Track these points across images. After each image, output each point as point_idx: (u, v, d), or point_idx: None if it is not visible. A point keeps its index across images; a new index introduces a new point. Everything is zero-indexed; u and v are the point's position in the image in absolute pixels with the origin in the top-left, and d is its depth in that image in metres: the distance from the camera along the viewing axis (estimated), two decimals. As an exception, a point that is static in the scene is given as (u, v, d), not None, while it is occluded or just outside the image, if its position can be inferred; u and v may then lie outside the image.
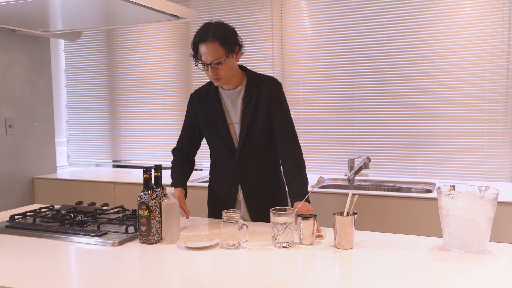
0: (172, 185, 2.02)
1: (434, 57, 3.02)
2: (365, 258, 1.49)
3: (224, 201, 2.08)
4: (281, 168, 2.05)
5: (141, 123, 3.95)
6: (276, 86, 2.02)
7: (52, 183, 3.61)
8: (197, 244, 1.60)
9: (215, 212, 2.14)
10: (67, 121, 4.23)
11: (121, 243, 1.67)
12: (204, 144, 2.23)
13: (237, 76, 2.00)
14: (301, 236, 1.64)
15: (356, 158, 3.07)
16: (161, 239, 1.69)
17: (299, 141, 2.04)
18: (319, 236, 1.70)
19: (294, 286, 1.27)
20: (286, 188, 2.01)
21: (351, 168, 3.07)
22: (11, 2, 1.88)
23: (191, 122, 2.14)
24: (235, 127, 2.02)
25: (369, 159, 3.02)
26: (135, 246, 1.65)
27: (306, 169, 2.00)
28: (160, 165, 1.72)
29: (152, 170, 1.69)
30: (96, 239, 1.70)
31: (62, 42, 4.11)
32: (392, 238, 1.72)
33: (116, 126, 4.05)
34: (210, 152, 2.17)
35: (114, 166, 4.13)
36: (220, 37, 1.86)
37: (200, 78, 3.66)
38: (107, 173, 3.81)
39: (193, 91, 2.16)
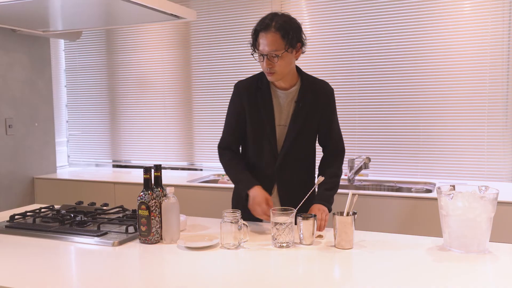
0: (244, 186, 1.89)
1: (434, 57, 3.02)
2: (365, 258, 1.49)
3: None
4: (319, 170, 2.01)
5: (141, 123, 3.95)
6: (331, 94, 1.97)
7: (52, 183, 3.61)
8: (197, 244, 1.60)
9: (244, 210, 1.91)
10: (67, 121, 4.23)
11: (121, 243, 1.67)
12: (205, 144, 2.21)
13: (293, 76, 1.91)
14: (301, 236, 1.64)
15: (356, 158, 3.07)
16: (161, 239, 1.69)
17: None
18: (319, 236, 1.70)
19: (294, 286, 1.27)
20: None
21: (351, 168, 3.07)
22: (11, 2, 1.88)
23: (238, 117, 1.98)
24: (284, 129, 1.93)
25: (369, 159, 3.02)
26: (135, 246, 1.65)
27: None
28: (160, 165, 1.72)
29: (152, 170, 1.69)
30: (96, 239, 1.70)
31: (62, 42, 4.11)
32: (392, 238, 1.72)
33: (116, 126, 4.05)
34: (246, 150, 2.02)
35: (114, 166, 4.13)
36: (283, 29, 1.77)
37: (200, 77, 3.66)
38: (107, 173, 3.81)
39: (239, 82, 2.01)
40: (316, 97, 1.92)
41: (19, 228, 1.86)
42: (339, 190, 2.09)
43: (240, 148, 2.06)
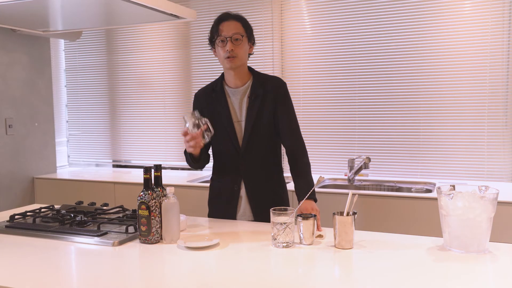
0: (186, 154, 2.05)
1: (434, 57, 3.02)
2: (365, 258, 1.49)
3: (226, 199, 2.08)
4: (286, 165, 2.08)
5: (141, 123, 3.95)
6: (282, 85, 2.07)
7: (52, 183, 3.61)
8: (197, 244, 1.60)
9: (215, 210, 2.15)
10: (67, 121, 4.23)
11: (121, 243, 1.67)
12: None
13: (246, 72, 2.05)
14: (301, 236, 1.64)
15: (356, 158, 3.07)
16: (161, 239, 1.69)
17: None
18: (319, 236, 1.70)
19: (294, 286, 1.27)
20: (293, 185, 2.03)
21: (351, 168, 3.07)
22: (11, 2, 1.88)
23: None
24: (241, 125, 2.04)
25: (369, 159, 3.02)
26: (135, 246, 1.65)
27: None
28: (160, 165, 1.72)
29: (152, 170, 1.69)
30: (96, 239, 1.70)
31: (62, 42, 4.11)
32: (392, 238, 1.72)
33: (116, 126, 4.05)
34: (213, 150, 2.16)
35: (114, 166, 4.13)
36: (242, 19, 2.02)
37: (200, 78, 3.66)
38: (107, 173, 3.81)
39: (197, 91, 2.17)
40: (267, 91, 2.02)
41: (19, 228, 1.86)
42: (339, 190, 2.09)
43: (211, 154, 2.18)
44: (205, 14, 3.58)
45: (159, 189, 1.69)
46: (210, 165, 2.23)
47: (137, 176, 3.51)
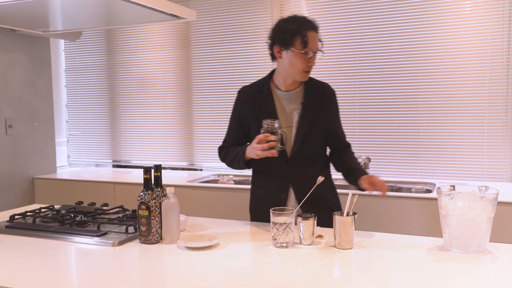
0: (240, 156, 1.91)
1: (434, 57, 3.02)
2: (365, 258, 1.49)
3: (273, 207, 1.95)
4: (337, 167, 2.06)
5: (141, 123, 3.95)
6: (334, 93, 2.03)
7: (52, 183, 3.61)
8: (197, 244, 1.60)
9: (260, 219, 2.02)
10: (67, 121, 4.23)
11: (121, 243, 1.67)
12: (205, 144, 2.21)
13: None
14: (301, 236, 1.64)
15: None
16: (161, 239, 1.69)
17: None
18: (319, 236, 1.70)
19: (294, 286, 1.27)
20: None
21: (351, 168, 3.07)
22: (11, 2, 1.88)
23: (240, 122, 2.03)
24: (291, 130, 1.94)
25: (369, 159, 3.02)
26: (135, 246, 1.65)
27: None
28: (160, 165, 1.72)
29: (152, 170, 1.69)
30: (96, 239, 1.70)
31: (62, 42, 4.11)
32: (392, 238, 1.72)
33: (116, 126, 4.05)
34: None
35: (114, 166, 4.13)
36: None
37: (200, 77, 3.66)
38: (107, 173, 3.81)
39: (241, 88, 2.07)
40: (321, 98, 1.97)
41: (19, 228, 1.86)
42: (339, 190, 2.09)
43: None
44: (205, 14, 3.58)
45: (159, 189, 1.69)
46: (208, 164, 2.22)
47: (137, 176, 3.51)
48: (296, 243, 1.64)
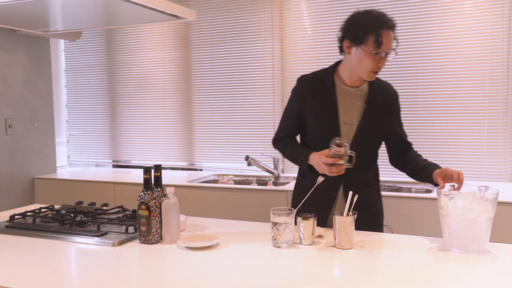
0: (302, 160, 1.84)
1: (434, 57, 3.02)
2: (365, 258, 1.49)
3: (320, 205, 1.85)
4: (400, 167, 2.03)
5: (141, 123, 3.95)
6: (398, 96, 1.97)
7: (52, 183, 3.61)
8: (197, 244, 1.60)
9: (302, 208, 1.83)
10: (67, 121, 4.23)
11: (121, 243, 1.67)
12: (205, 144, 2.20)
13: None
14: (301, 236, 1.64)
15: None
16: (161, 239, 1.69)
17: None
18: (319, 236, 1.70)
19: (294, 286, 1.27)
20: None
21: (351, 168, 3.07)
22: (11, 2, 1.88)
23: (298, 111, 1.91)
24: (352, 128, 1.85)
25: (369, 159, 3.01)
26: (135, 246, 1.65)
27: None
28: (160, 165, 1.71)
29: (152, 170, 1.69)
30: (96, 239, 1.70)
31: (62, 42, 4.11)
32: (392, 238, 1.72)
33: (116, 126, 4.05)
34: (308, 147, 1.93)
35: (114, 166, 4.13)
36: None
37: (200, 77, 3.66)
38: (107, 173, 3.81)
39: (302, 75, 1.94)
40: (387, 98, 1.91)
41: (19, 228, 1.86)
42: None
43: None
44: (205, 14, 3.58)
45: (159, 189, 1.69)
46: (208, 165, 2.21)
47: (137, 176, 3.51)
48: (296, 243, 1.64)
